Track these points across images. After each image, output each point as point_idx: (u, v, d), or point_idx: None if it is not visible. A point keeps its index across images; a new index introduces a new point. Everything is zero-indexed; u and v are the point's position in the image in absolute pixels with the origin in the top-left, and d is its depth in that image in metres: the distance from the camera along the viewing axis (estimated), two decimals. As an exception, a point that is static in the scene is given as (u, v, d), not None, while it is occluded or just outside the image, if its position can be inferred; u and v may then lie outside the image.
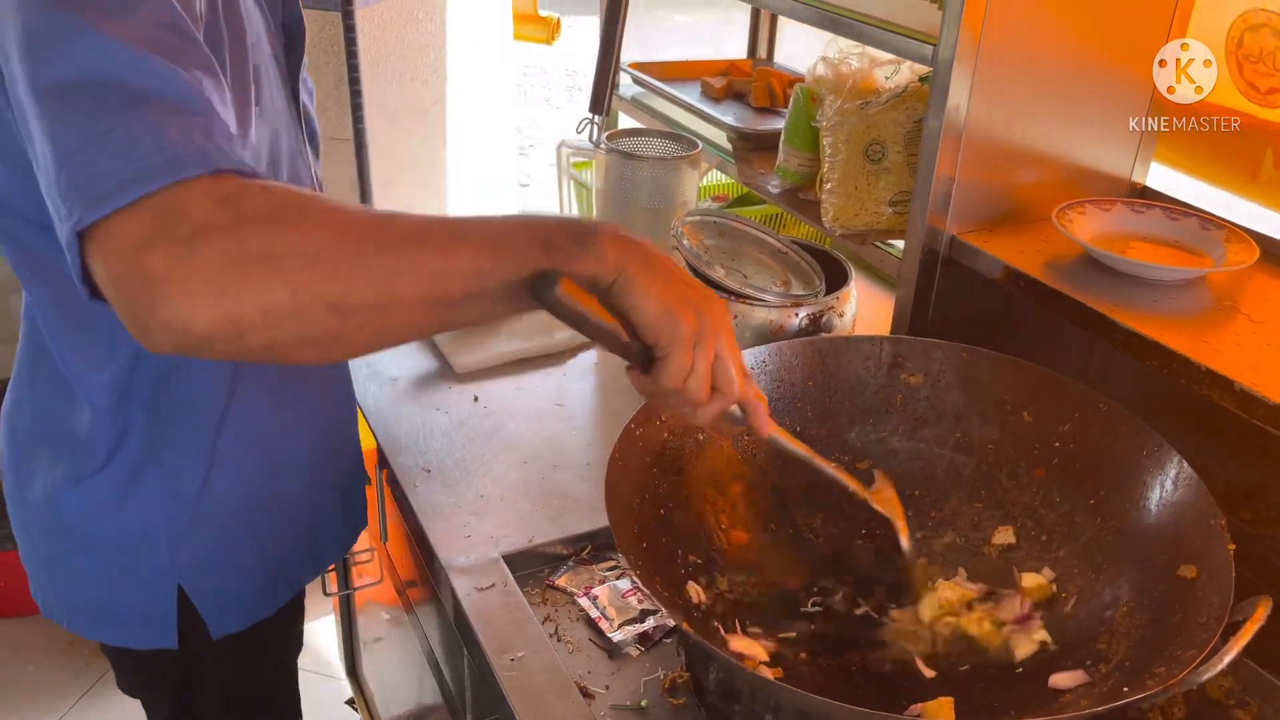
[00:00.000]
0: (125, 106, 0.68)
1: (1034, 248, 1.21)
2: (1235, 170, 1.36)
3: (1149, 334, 1.04)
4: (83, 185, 0.66)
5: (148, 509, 1.06)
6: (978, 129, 1.18)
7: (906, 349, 1.17)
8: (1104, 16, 1.19)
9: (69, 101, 0.69)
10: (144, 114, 0.68)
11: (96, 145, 0.67)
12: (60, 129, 0.69)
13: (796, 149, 1.44)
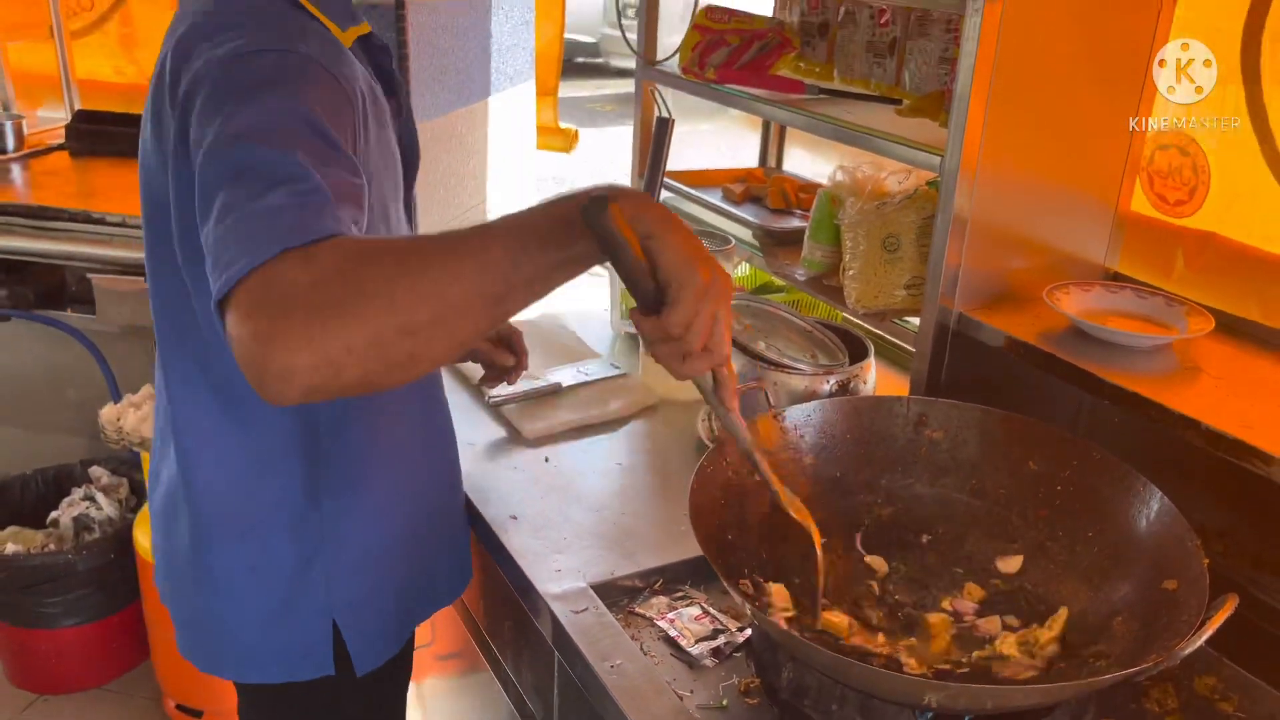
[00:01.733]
0: (258, 198, 0.84)
1: (1029, 322, 1.44)
2: (1153, 267, 1.61)
3: (1131, 388, 1.26)
4: (220, 261, 0.82)
5: (309, 551, 1.20)
6: (979, 225, 1.42)
7: (929, 408, 1.38)
8: (1077, 132, 1.45)
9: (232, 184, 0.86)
10: (271, 202, 0.83)
11: (226, 237, 0.83)
12: (219, 210, 0.85)
13: (820, 243, 1.68)
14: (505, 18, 2.52)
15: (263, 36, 0.99)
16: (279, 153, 0.87)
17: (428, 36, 2.16)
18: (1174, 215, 1.53)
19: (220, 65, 0.96)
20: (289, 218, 0.82)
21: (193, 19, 1.05)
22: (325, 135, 0.92)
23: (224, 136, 0.89)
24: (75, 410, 2.65)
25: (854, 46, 1.82)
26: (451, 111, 2.31)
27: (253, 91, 0.92)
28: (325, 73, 0.98)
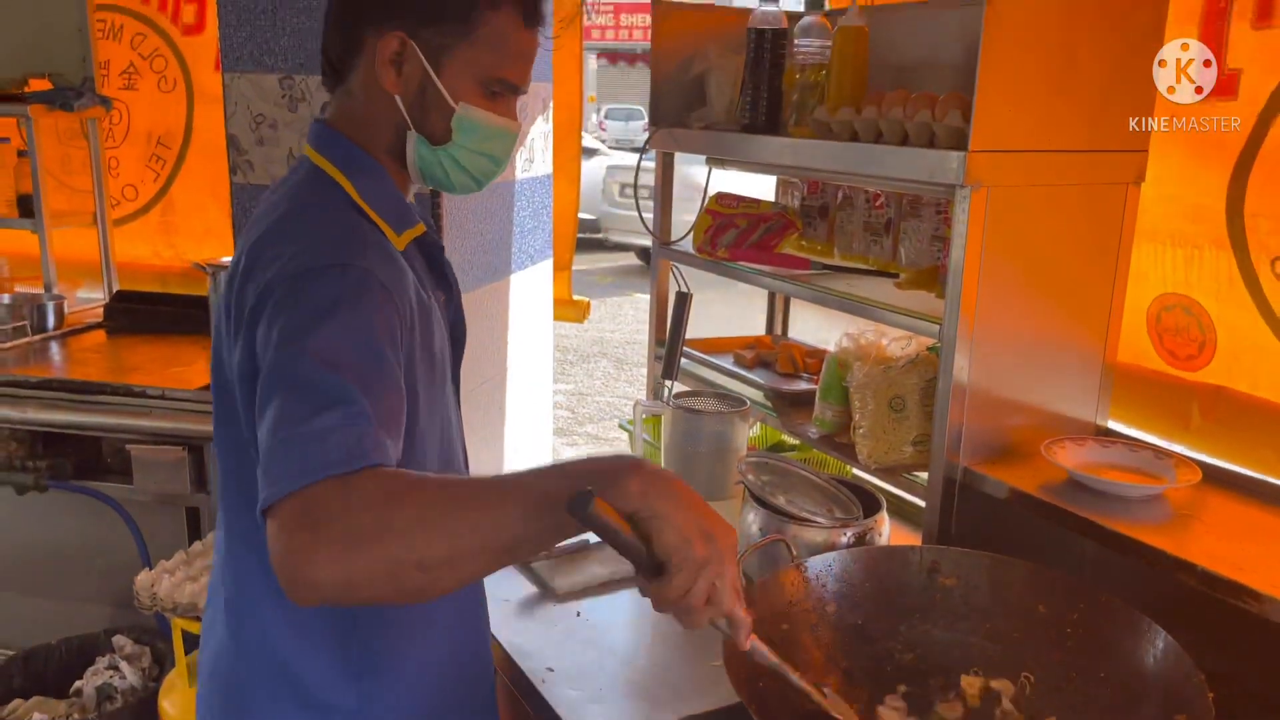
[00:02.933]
0: (311, 418, 0.97)
1: (1030, 474, 1.55)
2: (1170, 422, 1.74)
3: (1130, 534, 1.36)
4: (268, 475, 0.95)
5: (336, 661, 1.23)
6: (978, 387, 1.55)
7: (942, 556, 1.47)
8: (1062, 300, 1.60)
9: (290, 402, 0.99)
10: (320, 425, 0.96)
11: (278, 450, 0.96)
12: (274, 426, 0.98)
13: (831, 403, 1.81)
14: (527, 202, 2.73)
15: (326, 251, 1.11)
16: (334, 376, 1.00)
17: (459, 220, 2.36)
18: (1185, 370, 1.66)
19: (288, 281, 1.08)
20: (334, 444, 0.95)
21: (267, 225, 1.19)
22: (378, 356, 1.05)
23: (289, 350, 1.02)
24: (103, 579, 2.71)
25: (852, 227, 2.01)
26: (479, 288, 2.48)
27: (316, 311, 1.05)
28: (381, 289, 1.10)
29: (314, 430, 0.96)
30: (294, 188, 1.24)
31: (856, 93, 1.72)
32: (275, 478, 0.94)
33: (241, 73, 2.32)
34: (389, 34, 1.20)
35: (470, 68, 1.22)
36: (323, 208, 1.20)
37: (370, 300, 1.09)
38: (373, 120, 1.25)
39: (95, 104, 3.36)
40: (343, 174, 1.22)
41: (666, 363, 1.87)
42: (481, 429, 2.60)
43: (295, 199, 1.22)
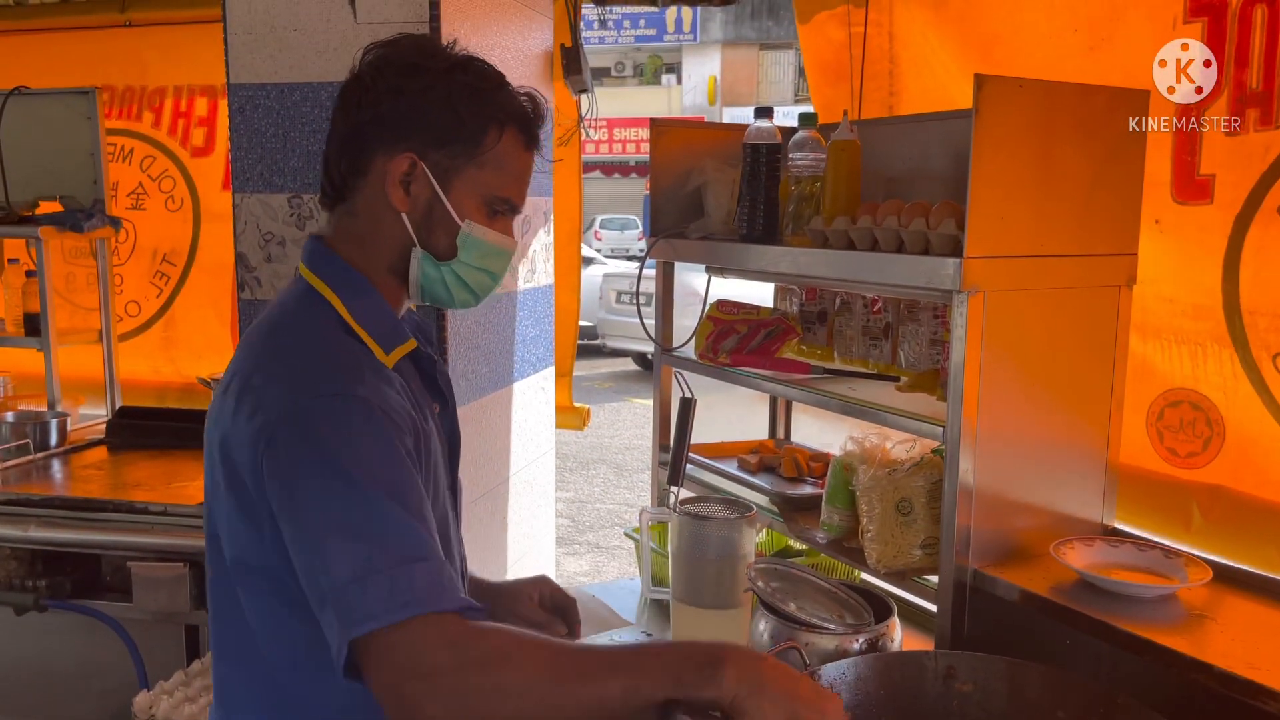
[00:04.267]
0: (387, 557, 1.06)
1: (1040, 575, 1.55)
2: (1170, 522, 1.74)
3: (1145, 635, 1.35)
4: (354, 608, 1.04)
5: None
6: (984, 488, 1.56)
7: (956, 661, 1.45)
8: (1063, 401, 1.62)
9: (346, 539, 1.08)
10: (401, 564, 1.06)
11: (363, 583, 1.05)
12: (338, 562, 1.07)
13: (837, 508, 1.81)
14: (529, 312, 2.78)
15: (323, 377, 1.17)
16: (396, 513, 1.10)
17: (464, 331, 2.39)
18: (1185, 468, 1.67)
19: (289, 416, 1.14)
20: (421, 580, 1.06)
21: (259, 339, 1.25)
22: (411, 488, 1.14)
23: (328, 487, 1.11)
24: (101, 701, 2.65)
25: (851, 331, 2.04)
26: (482, 397, 2.51)
27: (339, 446, 1.12)
28: (383, 414, 1.16)
29: (394, 566, 1.05)
30: (285, 304, 1.29)
31: (851, 203, 1.78)
32: (367, 610, 1.03)
33: (251, 193, 2.38)
34: (400, 155, 1.25)
35: (476, 187, 1.29)
36: (312, 327, 1.24)
37: (377, 427, 1.15)
38: (375, 238, 1.29)
39: (105, 224, 3.43)
40: (334, 292, 1.26)
41: (672, 469, 1.87)
42: (484, 539, 2.58)
43: (285, 314, 1.28)
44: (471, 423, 2.46)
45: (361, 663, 1.04)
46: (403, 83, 1.26)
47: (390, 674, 1.01)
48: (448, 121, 1.26)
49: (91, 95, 3.40)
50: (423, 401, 1.32)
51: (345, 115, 1.30)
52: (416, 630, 1.02)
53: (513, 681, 1.01)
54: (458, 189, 1.28)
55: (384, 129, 1.26)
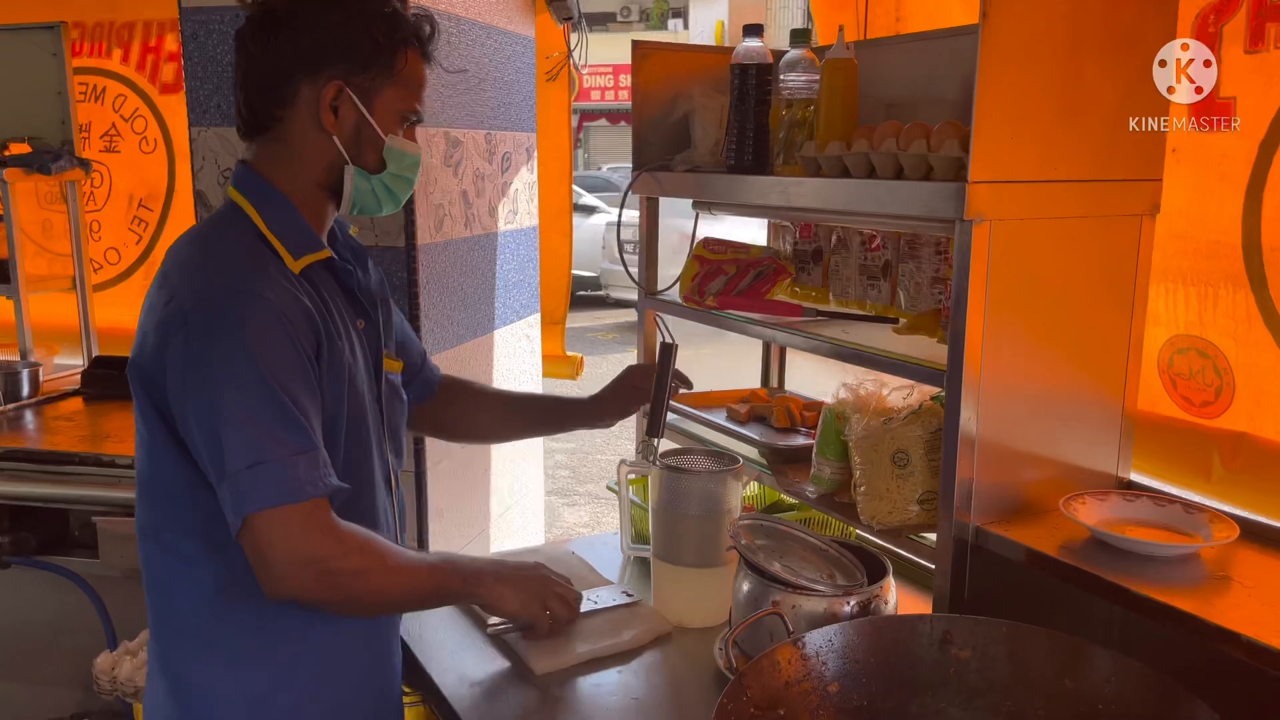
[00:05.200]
0: (274, 445, 1.24)
1: (1048, 533, 1.41)
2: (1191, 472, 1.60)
3: (1162, 600, 1.22)
4: (247, 492, 1.23)
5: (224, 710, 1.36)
6: (988, 438, 1.42)
7: (954, 626, 1.33)
8: (1076, 343, 1.48)
9: (243, 434, 1.24)
10: (290, 454, 1.25)
11: (256, 470, 1.23)
12: (234, 453, 1.23)
13: (829, 460, 1.68)
14: (511, 255, 2.63)
15: (235, 275, 1.30)
16: (279, 407, 1.26)
17: (436, 275, 2.25)
18: (1202, 417, 1.54)
19: (199, 308, 1.27)
20: (305, 470, 1.26)
21: (179, 246, 1.39)
22: (295, 385, 1.28)
23: (223, 383, 1.25)
24: (70, 659, 2.56)
25: (847, 270, 1.89)
26: (460, 344, 2.37)
27: (234, 346, 1.25)
28: (281, 314, 1.28)
29: (285, 457, 1.25)
30: (210, 218, 1.44)
31: (846, 127, 1.62)
32: (257, 496, 1.23)
33: (208, 126, 2.23)
34: (327, 83, 1.37)
35: (393, 104, 1.42)
36: (230, 234, 1.37)
37: (279, 326, 1.28)
38: (304, 160, 1.40)
39: (73, 167, 3.29)
40: (253, 206, 1.38)
41: (651, 419, 1.74)
42: (466, 491, 2.46)
43: (208, 224, 1.43)
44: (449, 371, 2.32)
45: (247, 537, 1.24)
46: (321, 16, 1.36)
47: (271, 549, 1.24)
48: (367, 48, 1.38)
49: (58, 30, 3.25)
50: (341, 313, 1.42)
51: (264, 49, 1.38)
52: (297, 515, 1.25)
53: (368, 587, 1.32)
54: (380, 108, 1.40)
55: (308, 60, 1.37)
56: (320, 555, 1.27)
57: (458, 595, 1.48)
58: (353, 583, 1.30)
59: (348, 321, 1.44)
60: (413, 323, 2.16)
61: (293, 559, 1.25)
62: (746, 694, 1.23)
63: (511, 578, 1.50)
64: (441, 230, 2.25)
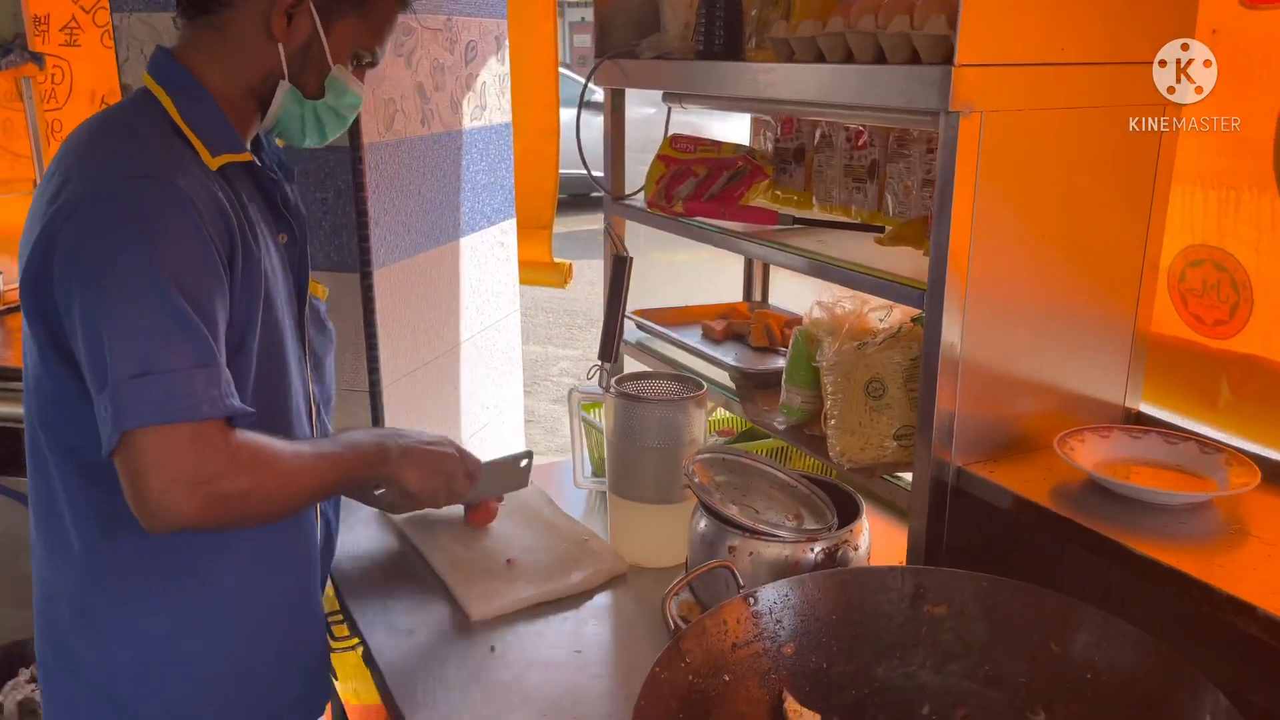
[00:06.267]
0: (168, 354, 1.08)
1: (1039, 476, 1.24)
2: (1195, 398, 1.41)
3: (1166, 561, 1.05)
4: (129, 405, 1.06)
5: (117, 650, 1.25)
6: (973, 364, 1.23)
7: (928, 579, 1.17)
8: (1080, 254, 1.28)
9: (131, 339, 1.08)
10: (183, 367, 1.09)
11: (143, 380, 1.07)
12: (120, 359, 1.07)
13: (799, 387, 1.50)
14: (480, 156, 2.43)
15: (140, 162, 1.15)
16: (179, 313, 1.10)
17: (389, 178, 2.06)
18: (1213, 337, 1.35)
19: (102, 193, 1.12)
20: (201, 387, 1.10)
21: (84, 130, 1.23)
22: (203, 289, 1.13)
23: (119, 282, 1.09)
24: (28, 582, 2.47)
25: (831, 172, 1.68)
26: (418, 254, 2.19)
27: (138, 238, 1.10)
28: (193, 207, 1.14)
29: (177, 369, 1.08)
30: (116, 105, 1.31)
31: (823, 3, 1.39)
32: (141, 410, 1.06)
33: (131, 11, 2.02)
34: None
35: (352, 35, 1.30)
36: (139, 123, 1.22)
37: (189, 220, 1.13)
38: (240, 60, 1.26)
39: (26, 61, 3.09)
40: (168, 95, 1.24)
41: (604, 341, 1.57)
42: (433, 410, 2.32)
43: (113, 111, 1.28)
44: (405, 283, 2.15)
45: (125, 456, 1.08)
46: None
47: (150, 471, 1.07)
48: None
49: (2, -85, 3.01)
50: (260, 223, 1.28)
51: None
52: (186, 435, 1.08)
53: (257, 499, 1.15)
54: (337, 33, 1.29)
55: None
56: (206, 476, 1.09)
57: (362, 480, 1.35)
58: (244, 504, 1.14)
59: (269, 233, 1.30)
60: (360, 231, 1.98)
61: (175, 483, 1.07)
62: (685, 660, 1.08)
63: (419, 456, 1.38)
64: (393, 128, 2.05)
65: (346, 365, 2.05)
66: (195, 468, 1.08)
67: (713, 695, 1.08)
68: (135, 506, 1.09)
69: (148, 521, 1.09)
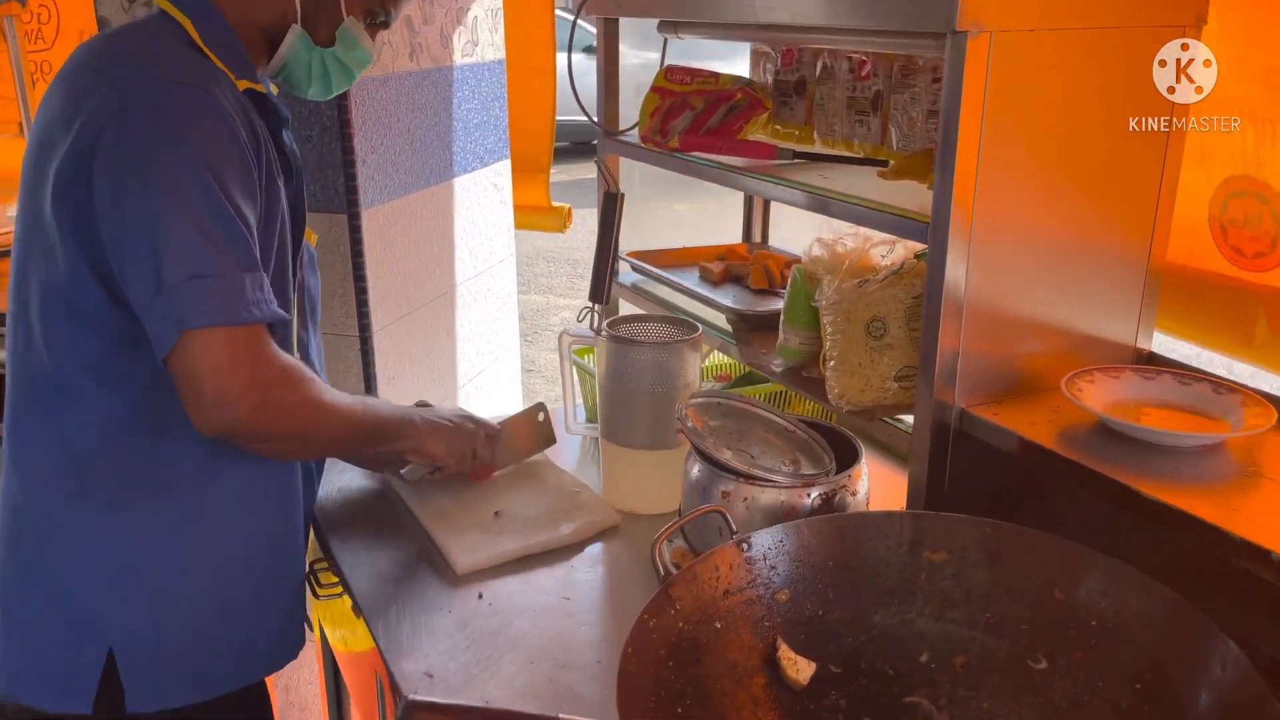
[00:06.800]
0: (220, 259, 1.10)
1: (1046, 418, 1.19)
2: (1230, 334, 1.36)
3: (1177, 505, 1.00)
4: (189, 305, 1.08)
5: (88, 565, 1.22)
6: (978, 302, 1.18)
7: (928, 525, 1.13)
8: (1092, 187, 1.22)
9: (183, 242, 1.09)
10: (236, 271, 1.11)
11: (199, 283, 1.09)
12: (174, 262, 1.08)
13: (797, 328, 1.45)
14: (472, 93, 2.35)
15: (174, 71, 1.14)
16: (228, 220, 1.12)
17: (377, 115, 1.99)
18: (1252, 270, 1.29)
19: (139, 100, 1.11)
20: (253, 291, 1.13)
21: (99, 46, 1.23)
22: (231, 209, 1.12)
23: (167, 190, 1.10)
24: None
25: (834, 104, 1.61)
26: (411, 193, 2.13)
27: (180, 145, 1.10)
28: (232, 118, 1.14)
29: (231, 272, 1.11)
30: (125, 25, 1.28)
31: (825, -80, 1.32)
32: (202, 311, 1.09)
33: (105, -59, 1.94)
34: None
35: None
36: (159, 39, 1.21)
37: (230, 129, 1.13)
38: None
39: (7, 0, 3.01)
40: (187, 16, 1.22)
41: (594, 281, 1.51)
42: (426, 356, 2.27)
43: (127, 29, 1.26)
44: (395, 225, 2.09)
45: (183, 356, 1.10)
46: None
47: (210, 372, 1.09)
48: None
49: None
50: (272, 154, 1.26)
51: None
52: (245, 336, 1.11)
53: (309, 400, 1.19)
54: None
55: None
56: (264, 381, 1.13)
57: (389, 438, 1.36)
58: (293, 417, 1.18)
59: (278, 168, 1.28)
60: (346, 170, 1.92)
61: (234, 384, 1.10)
62: (675, 606, 1.04)
63: (440, 425, 1.42)
64: (379, 62, 1.97)
65: (335, 309, 2.00)
66: (251, 370, 1.12)
67: (703, 643, 1.04)
68: (192, 405, 1.11)
69: (203, 419, 1.12)
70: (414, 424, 1.38)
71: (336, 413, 1.24)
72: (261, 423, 1.14)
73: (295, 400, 1.17)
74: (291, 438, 1.22)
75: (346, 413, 1.27)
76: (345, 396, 1.29)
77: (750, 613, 1.10)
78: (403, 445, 1.38)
